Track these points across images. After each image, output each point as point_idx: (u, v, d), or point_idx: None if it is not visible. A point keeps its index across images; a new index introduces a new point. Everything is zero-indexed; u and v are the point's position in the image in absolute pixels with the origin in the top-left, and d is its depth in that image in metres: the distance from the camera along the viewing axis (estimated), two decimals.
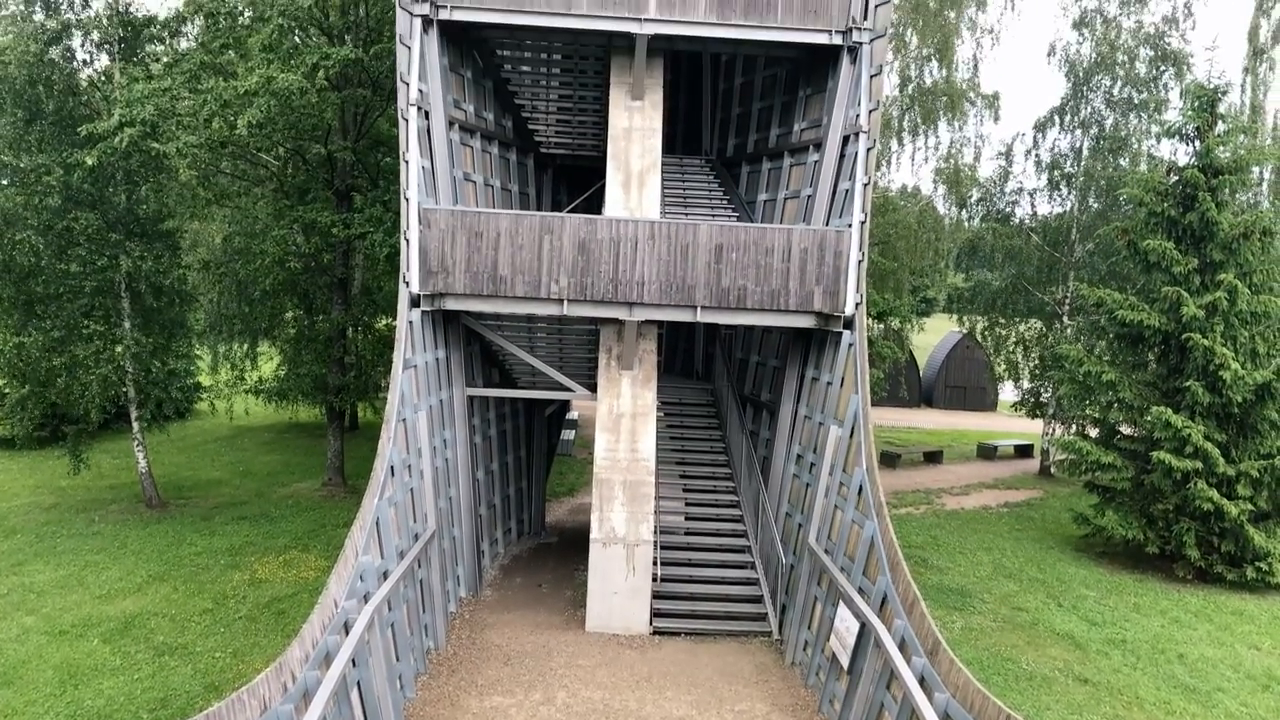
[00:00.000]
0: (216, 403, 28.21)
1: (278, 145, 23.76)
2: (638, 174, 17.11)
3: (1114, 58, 28.92)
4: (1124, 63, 28.94)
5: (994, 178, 32.07)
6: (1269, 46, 29.42)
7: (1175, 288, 20.66)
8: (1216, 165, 20.99)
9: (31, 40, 20.37)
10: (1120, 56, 28.93)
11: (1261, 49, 29.47)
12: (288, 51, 20.12)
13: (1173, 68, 28.47)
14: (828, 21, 16.42)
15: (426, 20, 16.08)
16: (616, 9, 16.21)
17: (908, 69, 30.96)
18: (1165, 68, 28.59)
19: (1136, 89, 28.87)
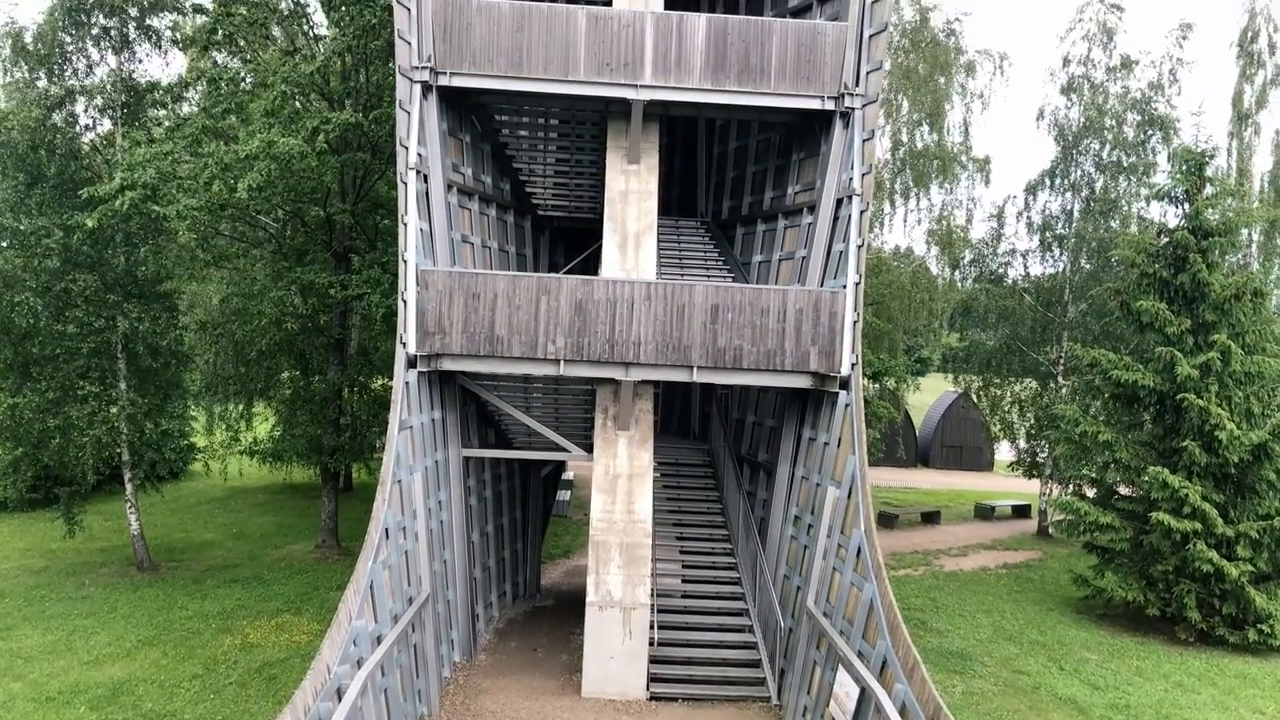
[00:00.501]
0: (211, 463, 28.06)
1: (277, 208, 23.97)
2: (634, 235, 17.26)
3: (1102, 122, 29.41)
4: (1112, 127, 29.43)
5: (986, 239, 32.41)
6: (1253, 112, 29.96)
7: (1169, 348, 20.76)
8: (1206, 227, 21.25)
9: (35, 106, 20.66)
10: (1108, 121, 29.43)
11: (1246, 114, 30.01)
12: (289, 116, 20.41)
13: (1160, 132, 28.95)
14: (820, 88, 16.72)
15: (426, 86, 16.35)
16: (613, 76, 16.51)
17: (899, 133, 31.45)
18: (1153, 132, 29.07)
19: (1125, 152, 29.32)
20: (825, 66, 16.68)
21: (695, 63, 16.60)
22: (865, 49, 16.59)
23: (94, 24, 21.73)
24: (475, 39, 16.40)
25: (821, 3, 18.31)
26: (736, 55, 16.61)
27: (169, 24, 22.85)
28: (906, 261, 34.28)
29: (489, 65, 16.45)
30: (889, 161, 31.42)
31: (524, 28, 16.40)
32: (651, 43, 16.51)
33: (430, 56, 16.29)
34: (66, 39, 21.59)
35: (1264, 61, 30.11)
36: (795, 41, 16.66)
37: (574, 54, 16.45)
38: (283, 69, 20.40)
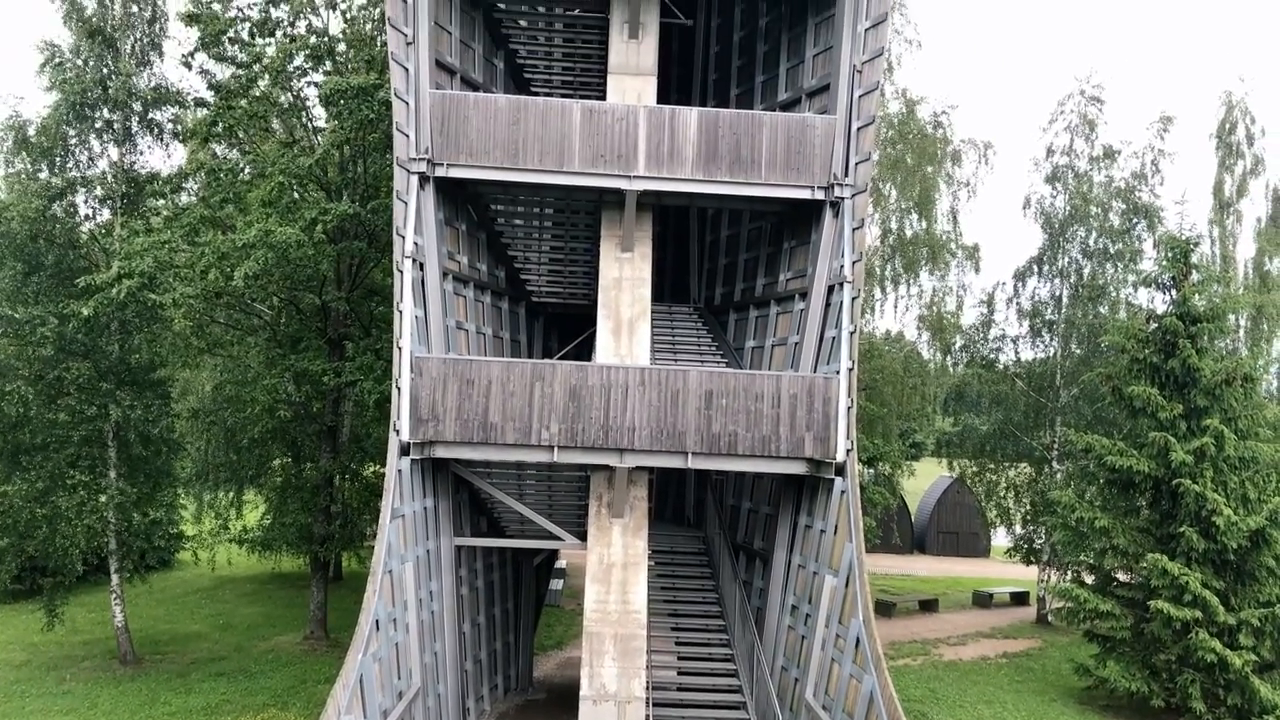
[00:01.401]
0: (200, 552, 27.67)
1: (273, 295, 24.12)
2: (628, 322, 17.38)
3: (1087, 210, 29.94)
4: (1097, 215, 29.96)
5: (977, 325, 32.68)
6: (1234, 200, 30.57)
7: (1162, 433, 20.78)
8: (1194, 313, 21.47)
9: (36, 197, 20.92)
10: (1094, 209, 29.96)
11: (1227, 202, 30.61)
12: (286, 206, 20.68)
13: (1145, 220, 29.47)
14: (810, 178, 17.02)
15: (423, 177, 16.61)
16: (608, 167, 16.80)
17: (889, 220, 31.94)
18: (1138, 220, 29.58)
19: (1111, 240, 29.78)
20: (815, 158, 17.02)
21: (688, 154, 16.93)
22: (854, 141, 16.96)
23: (98, 118, 22.16)
24: (472, 131, 16.73)
25: (810, 96, 18.77)
26: (728, 147, 16.95)
27: (170, 117, 23.31)
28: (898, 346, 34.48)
29: (485, 157, 16.75)
30: (879, 248, 31.85)
31: (520, 121, 16.75)
32: (645, 135, 16.86)
33: (428, 148, 16.59)
34: (70, 132, 21.99)
35: (1242, 152, 30.84)
36: (785, 134, 17.03)
37: (569, 146, 16.78)
38: (281, 160, 20.75)
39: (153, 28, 22.99)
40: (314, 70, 22.89)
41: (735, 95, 21.37)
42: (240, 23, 22.04)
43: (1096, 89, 30.27)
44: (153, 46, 22.96)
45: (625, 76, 18.13)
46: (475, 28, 19.06)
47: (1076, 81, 30.75)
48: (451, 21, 18.11)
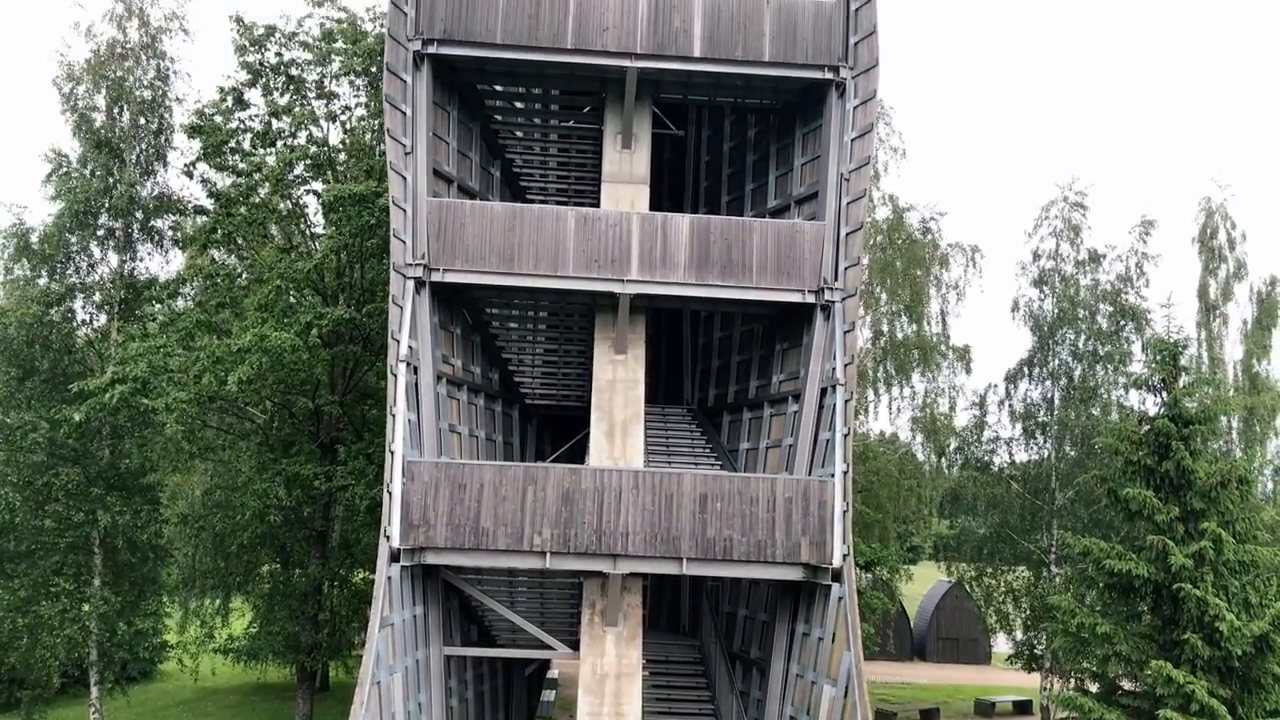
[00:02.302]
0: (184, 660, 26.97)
1: (266, 399, 24.11)
2: (621, 424, 17.38)
3: (1075, 313, 30.29)
4: (1085, 318, 30.29)
5: (970, 426, 32.70)
6: (1219, 303, 30.96)
7: (1160, 536, 20.58)
8: (1186, 415, 21.50)
9: (34, 303, 21.10)
10: (1081, 312, 30.31)
11: (1213, 305, 30.98)
12: (282, 310, 20.85)
13: (1132, 322, 29.79)
14: (801, 282, 17.26)
15: (419, 282, 16.80)
16: (602, 271, 17.04)
17: (880, 323, 32.26)
18: (1125, 322, 29.90)
19: (1100, 342, 30.05)
20: (805, 262, 17.29)
21: (680, 259, 17.20)
22: (843, 246, 17.26)
23: (100, 225, 22.51)
24: (469, 238, 17.01)
25: (799, 203, 19.15)
26: (719, 252, 17.24)
27: (171, 224, 23.68)
28: (893, 448, 34.42)
29: (481, 262, 16.99)
30: (870, 350, 32.08)
31: (516, 227, 17.05)
32: (638, 240, 17.15)
33: (424, 254, 16.83)
34: (72, 239, 22.30)
35: (1225, 256, 31.35)
36: (775, 239, 17.34)
37: (564, 251, 17.04)
38: (279, 265, 21.00)
39: (158, 139, 23.57)
40: (314, 179, 23.38)
41: (726, 202, 21.82)
42: (242, 134, 22.59)
43: (1079, 195, 30.96)
44: (157, 157, 23.50)
45: (619, 184, 18.55)
46: (473, 138, 19.55)
47: (1059, 188, 31.42)
48: (449, 132, 18.59)
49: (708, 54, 17.63)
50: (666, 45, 17.57)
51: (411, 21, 17.15)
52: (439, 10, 17.27)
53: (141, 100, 23.31)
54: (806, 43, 17.76)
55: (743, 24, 17.76)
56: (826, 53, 17.73)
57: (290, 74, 22.81)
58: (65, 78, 22.78)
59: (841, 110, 17.63)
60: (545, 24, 17.40)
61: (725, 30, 17.67)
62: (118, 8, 23.43)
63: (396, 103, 16.96)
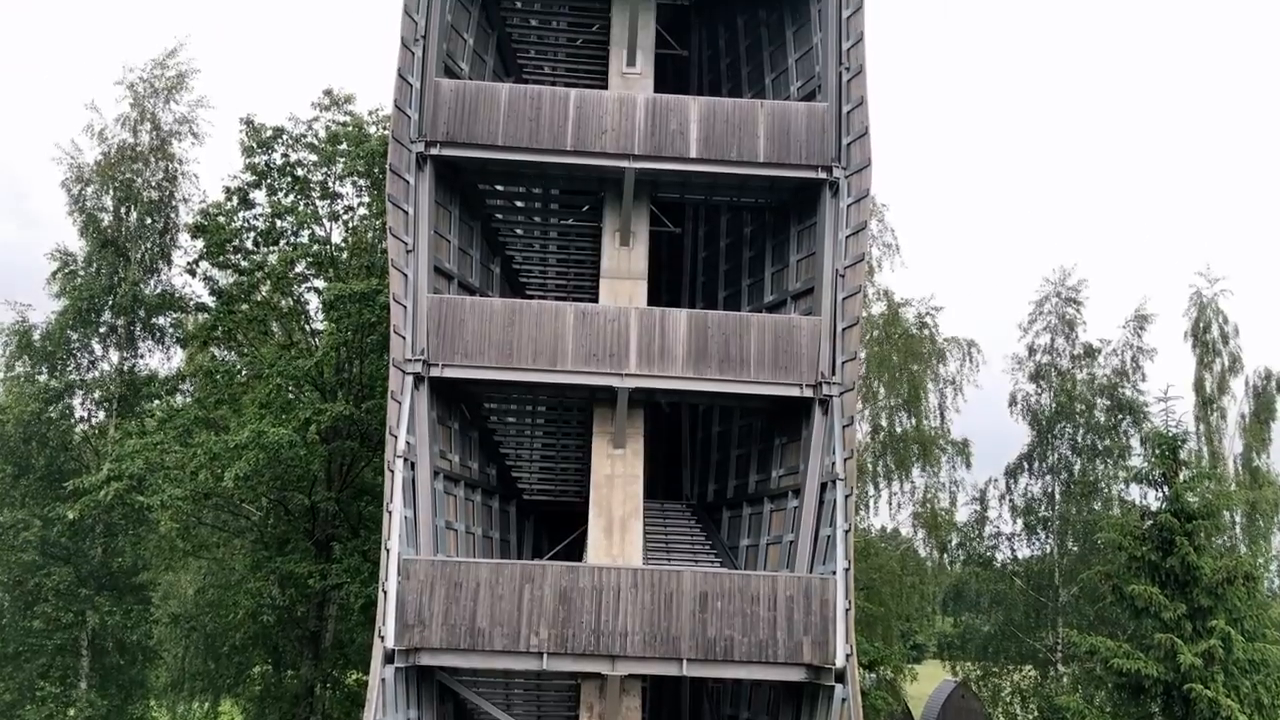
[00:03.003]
0: None
1: (262, 496, 23.94)
2: (620, 520, 17.24)
3: (1073, 407, 30.31)
4: (1083, 412, 30.30)
5: (971, 522, 32.41)
6: (1216, 397, 31.00)
7: (1168, 634, 20.23)
8: (1188, 510, 21.35)
9: (33, 400, 21.13)
10: (1079, 406, 30.34)
11: (1210, 399, 31.02)
12: (281, 406, 20.87)
13: (1130, 416, 29.79)
14: (798, 376, 17.33)
15: (418, 378, 16.85)
16: (600, 366, 17.12)
17: (879, 417, 32.24)
18: (1123, 416, 29.91)
19: (1099, 436, 30.01)
20: (802, 357, 17.38)
21: (678, 353, 17.30)
22: (840, 341, 17.38)
23: (102, 322, 22.69)
24: (468, 333, 17.13)
25: (795, 299, 19.35)
26: (717, 346, 17.35)
27: (172, 321, 23.86)
28: (894, 544, 34.04)
29: (481, 357, 17.08)
30: (870, 445, 31.99)
31: (515, 322, 17.19)
32: (636, 335, 17.28)
33: (424, 350, 16.93)
34: (73, 336, 22.46)
35: (1219, 350, 31.49)
36: (773, 334, 17.48)
37: (562, 346, 17.15)
38: (279, 363, 21.09)
39: (163, 238, 23.93)
40: (315, 276, 23.65)
41: (723, 297, 22.03)
42: (246, 233, 22.95)
43: (1072, 291, 31.30)
44: (162, 255, 23.85)
45: (617, 280, 18.78)
46: (473, 235, 19.85)
47: (1050, 284, 31.75)
48: (450, 230, 18.88)
49: (704, 155, 18.04)
50: (664, 147, 18.00)
51: (415, 124, 17.59)
52: (442, 114, 17.73)
53: (149, 201, 23.75)
54: (800, 144, 18.19)
55: (737, 126, 18.22)
56: (820, 153, 18.14)
57: (295, 174, 23.29)
58: (74, 179, 23.24)
59: (835, 208, 17.95)
60: (546, 127, 17.85)
61: (721, 132, 18.12)
62: (131, 113, 24.05)
63: (399, 202, 17.27)
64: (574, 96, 18.23)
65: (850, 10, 18.47)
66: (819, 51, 19.04)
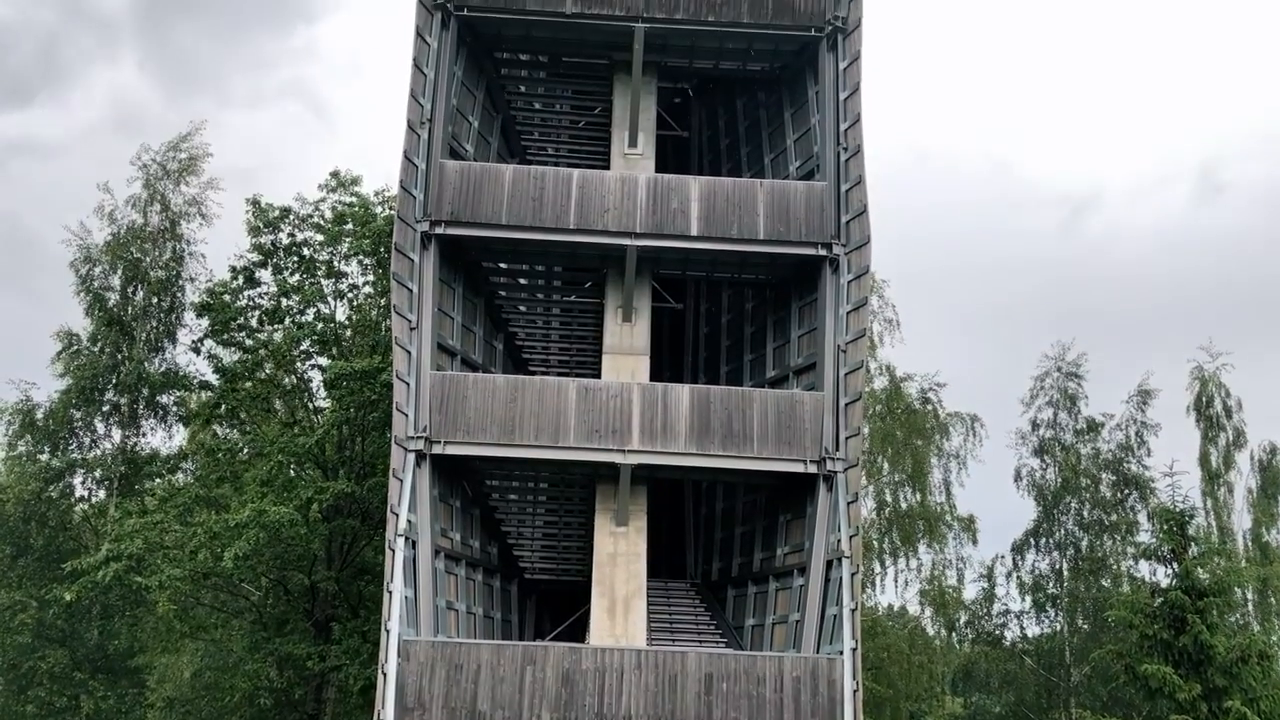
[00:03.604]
0: None
1: (261, 576, 23.68)
2: (623, 599, 17.03)
3: (1078, 482, 30.13)
4: (1089, 487, 30.12)
5: (979, 599, 31.97)
6: (1222, 472, 30.81)
7: (1183, 716, 19.81)
8: (1199, 587, 21.06)
9: (34, 479, 21.07)
10: (1084, 481, 30.16)
11: (1216, 474, 30.82)
12: (282, 484, 20.77)
13: (1136, 491, 29.60)
14: (802, 452, 17.28)
15: (420, 455, 16.81)
16: (602, 441, 17.09)
17: (883, 493, 32.03)
18: (1129, 491, 29.71)
19: (1105, 511, 29.77)
20: (805, 433, 17.35)
21: (681, 429, 17.28)
22: (843, 416, 17.37)
23: (105, 401, 22.73)
24: (470, 410, 17.15)
25: (798, 374, 19.38)
26: (720, 422, 17.34)
27: (175, 399, 23.90)
28: (902, 622, 33.52)
29: (483, 434, 17.07)
30: (875, 521, 31.72)
31: (517, 399, 17.22)
32: (639, 411, 17.28)
33: (426, 427, 16.91)
34: (76, 415, 22.48)
35: (1223, 425, 31.38)
36: (775, 409, 17.48)
37: (565, 422, 17.15)
38: (281, 440, 21.06)
39: (169, 316, 24.10)
40: (319, 354, 23.75)
41: (725, 372, 22.07)
42: (251, 311, 23.12)
43: (1073, 366, 31.34)
44: (167, 334, 23.99)
45: (619, 356, 18.85)
46: (477, 312, 19.98)
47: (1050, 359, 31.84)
48: (454, 308, 19.02)
49: (705, 233, 18.27)
50: (665, 225, 18.23)
51: (420, 204, 17.85)
52: (447, 194, 18.01)
53: (156, 280, 23.99)
54: (799, 221, 18.42)
55: (738, 205, 18.49)
56: (819, 231, 18.36)
57: (301, 254, 23.56)
58: (83, 260, 23.52)
59: (836, 285, 18.10)
60: (549, 206, 18.11)
61: (721, 211, 18.38)
62: (142, 194, 24.45)
63: (403, 280, 17.43)
64: (577, 176, 18.54)
65: (847, 92, 18.87)
66: (817, 132, 19.41)
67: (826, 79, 19.12)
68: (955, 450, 32.79)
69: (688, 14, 19.28)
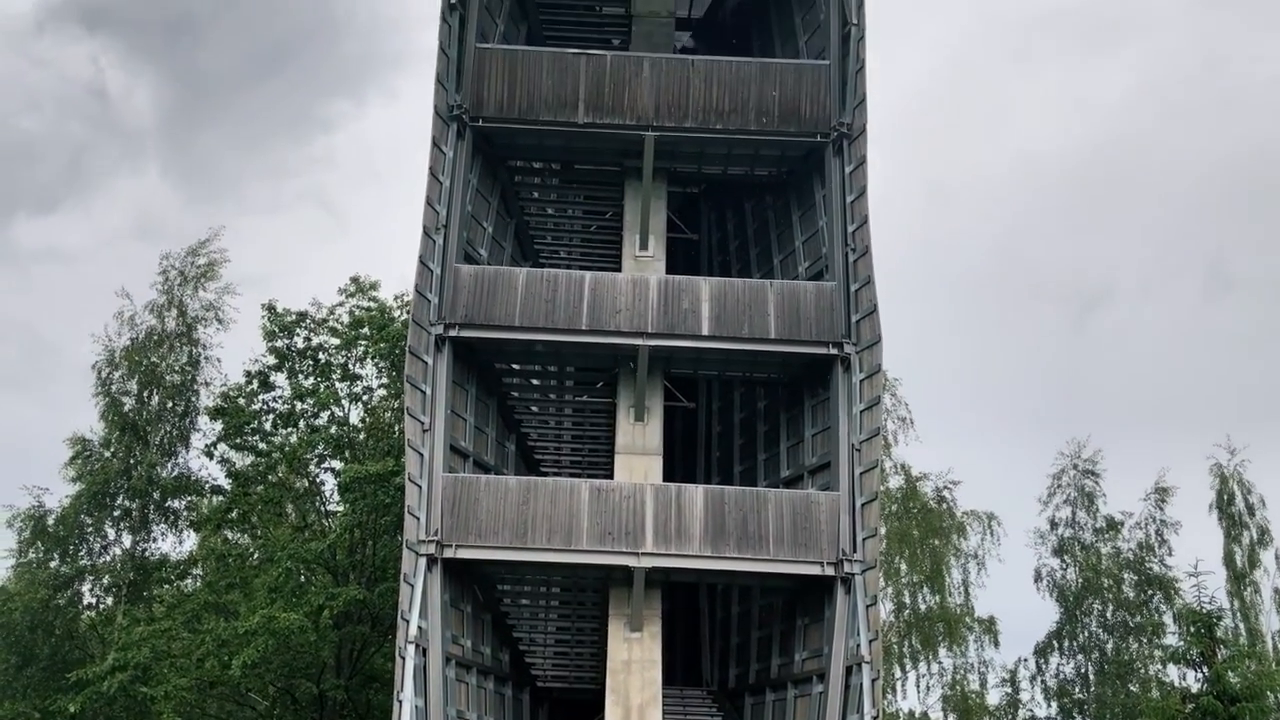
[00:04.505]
0: None
1: (269, 684, 23.21)
2: (638, 708, 16.62)
3: (1100, 582, 29.55)
4: (1111, 587, 29.51)
5: (1003, 705, 31.03)
6: (1247, 572, 30.16)
7: None
8: (1230, 692, 20.46)
9: (42, 586, 20.88)
10: (1106, 581, 29.58)
11: (1241, 574, 30.17)
12: (292, 590, 20.53)
13: (1160, 591, 28.98)
14: (819, 554, 17.04)
15: (431, 559, 16.63)
16: (615, 544, 16.90)
17: (902, 594, 31.43)
18: (1153, 591, 29.10)
19: (1129, 613, 29.10)
20: (822, 534, 17.14)
21: (695, 531, 17.10)
22: (859, 517, 17.17)
23: (117, 506, 22.66)
24: (482, 513, 17.03)
25: (812, 473, 19.24)
26: (735, 524, 17.16)
27: (187, 504, 23.82)
28: None
29: (495, 537, 16.93)
30: (894, 624, 31.05)
31: (530, 501, 17.12)
32: (652, 513, 17.13)
33: (438, 530, 16.78)
34: (87, 520, 22.38)
35: (1246, 523, 30.85)
36: (791, 510, 17.31)
37: (577, 524, 17.00)
38: (291, 545, 20.90)
39: (183, 420, 24.20)
40: (333, 457, 23.74)
41: (739, 472, 21.93)
42: (265, 415, 23.21)
43: (1089, 463, 31.04)
44: (180, 438, 24.04)
45: (632, 456, 18.79)
46: (489, 414, 20.02)
47: (1066, 456, 31.58)
48: (467, 409, 19.07)
49: (716, 333, 18.40)
50: (676, 325, 18.38)
51: (435, 308, 18.07)
52: (461, 297, 18.25)
53: (171, 385, 24.17)
54: (810, 321, 18.56)
55: (748, 305, 18.66)
56: (830, 330, 18.47)
57: (316, 357, 23.76)
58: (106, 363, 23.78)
59: (848, 383, 18.12)
60: (562, 308, 18.32)
61: (732, 311, 18.54)
62: (160, 299, 24.84)
63: (417, 383, 17.53)
64: (589, 278, 18.79)
65: (853, 195, 19.20)
66: (825, 234, 19.70)
67: (833, 182, 19.49)
68: (973, 550, 32.29)
69: (696, 123, 19.80)
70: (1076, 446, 31.48)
